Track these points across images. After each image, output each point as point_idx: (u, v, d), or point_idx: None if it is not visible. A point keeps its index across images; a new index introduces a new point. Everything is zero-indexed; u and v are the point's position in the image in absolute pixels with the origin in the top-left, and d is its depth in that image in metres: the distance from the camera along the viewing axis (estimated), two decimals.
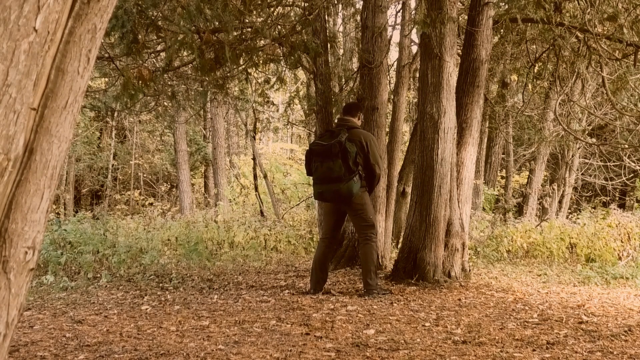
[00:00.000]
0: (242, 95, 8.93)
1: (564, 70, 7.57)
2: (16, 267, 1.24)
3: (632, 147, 10.23)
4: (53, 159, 1.29)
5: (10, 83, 1.15)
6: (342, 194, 4.64)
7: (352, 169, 4.62)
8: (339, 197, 4.68)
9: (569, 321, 3.83)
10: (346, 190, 4.61)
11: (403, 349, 3.08)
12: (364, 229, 4.78)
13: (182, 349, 3.08)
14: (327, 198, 4.78)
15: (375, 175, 4.77)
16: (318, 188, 4.77)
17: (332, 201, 4.81)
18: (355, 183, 4.62)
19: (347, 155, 4.61)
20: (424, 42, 5.50)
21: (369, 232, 4.77)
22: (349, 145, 4.63)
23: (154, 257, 6.88)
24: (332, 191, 4.65)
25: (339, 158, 4.61)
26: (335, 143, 4.64)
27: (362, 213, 4.74)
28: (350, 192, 4.61)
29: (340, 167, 4.59)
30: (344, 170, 4.59)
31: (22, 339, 3.41)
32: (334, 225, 4.94)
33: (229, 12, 4.93)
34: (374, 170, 4.75)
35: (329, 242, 4.93)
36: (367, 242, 4.77)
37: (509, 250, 8.15)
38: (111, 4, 1.37)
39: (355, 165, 4.64)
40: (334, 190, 4.64)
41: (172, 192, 18.83)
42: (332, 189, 4.65)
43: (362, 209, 4.73)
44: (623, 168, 12.97)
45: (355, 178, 4.62)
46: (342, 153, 4.61)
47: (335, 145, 4.63)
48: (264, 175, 11.70)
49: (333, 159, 4.62)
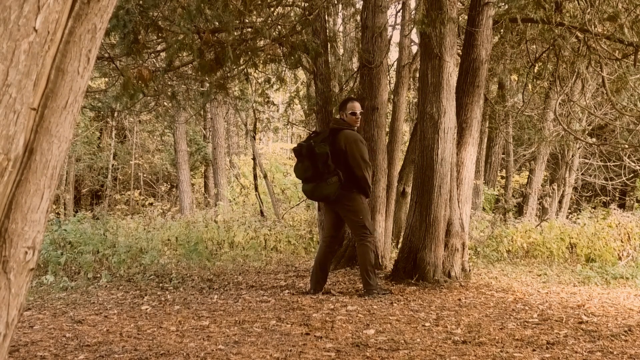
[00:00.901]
0: (242, 95, 8.93)
1: (564, 70, 7.57)
2: (16, 267, 1.24)
3: (632, 147, 10.23)
4: (53, 159, 1.29)
5: (10, 83, 1.16)
6: (315, 195, 4.78)
7: (322, 171, 4.62)
8: (319, 197, 4.81)
9: (569, 321, 3.83)
10: (320, 193, 4.70)
11: (403, 349, 3.08)
12: (356, 229, 4.80)
13: (182, 349, 3.08)
14: (311, 197, 4.91)
15: (357, 178, 4.67)
16: (303, 187, 4.90)
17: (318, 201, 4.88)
18: (328, 185, 4.62)
19: (314, 157, 4.62)
20: (424, 42, 5.50)
21: (361, 232, 4.77)
22: (319, 147, 4.62)
23: (154, 257, 6.88)
24: (312, 190, 4.74)
25: (307, 159, 4.66)
26: (303, 144, 4.74)
27: (350, 214, 4.75)
28: (323, 194, 4.68)
29: (308, 169, 4.66)
30: (311, 172, 4.64)
31: (22, 339, 3.41)
32: (334, 225, 4.94)
33: (229, 13, 4.94)
34: (353, 172, 4.66)
35: (329, 242, 4.94)
36: (361, 243, 4.78)
37: (509, 250, 8.15)
38: (111, 4, 1.37)
39: (325, 167, 4.61)
40: (309, 190, 4.75)
41: (172, 192, 18.83)
42: (307, 188, 4.77)
43: (351, 210, 4.73)
44: (623, 168, 12.97)
45: (330, 180, 4.62)
46: (309, 155, 4.64)
47: (303, 146, 4.72)
48: (264, 175, 11.71)
49: (302, 160, 4.71)
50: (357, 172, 4.65)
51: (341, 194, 4.68)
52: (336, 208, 4.82)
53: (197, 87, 8.02)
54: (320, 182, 4.64)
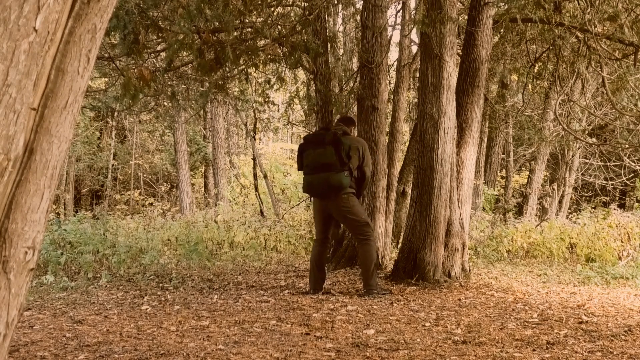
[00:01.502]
0: (242, 96, 8.94)
1: (564, 70, 7.57)
2: (16, 267, 1.24)
3: (632, 147, 10.23)
4: (53, 159, 1.29)
5: (10, 83, 1.16)
6: (332, 185, 4.63)
7: (344, 161, 4.63)
8: (327, 188, 4.66)
9: (569, 321, 3.83)
10: (336, 181, 4.62)
11: (403, 349, 3.08)
12: (359, 228, 4.75)
13: (182, 349, 3.08)
14: (316, 189, 4.75)
15: (366, 178, 4.81)
16: (308, 178, 4.78)
17: (320, 195, 4.77)
18: (345, 176, 4.63)
19: (340, 145, 4.64)
20: (424, 42, 5.50)
21: (365, 229, 4.74)
22: (344, 138, 4.70)
23: (154, 257, 6.88)
24: (322, 180, 4.65)
25: (332, 146, 4.65)
26: (330, 132, 4.77)
27: (351, 215, 4.71)
28: (340, 183, 4.62)
29: (332, 154, 4.63)
30: (336, 158, 4.62)
31: (22, 339, 3.41)
32: (324, 226, 4.92)
33: (229, 12, 4.94)
34: (365, 172, 4.79)
35: (322, 241, 4.92)
36: (365, 242, 4.74)
37: (509, 250, 8.15)
38: (111, 4, 1.37)
39: (348, 158, 4.65)
40: (323, 179, 4.64)
41: (172, 192, 18.83)
42: (322, 178, 4.65)
43: (350, 211, 4.71)
44: (623, 168, 12.97)
45: (346, 172, 4.64)
46: (334, 142, 4.66)
47: (329, 134, 4.72)
48: (264, 175, 11.70)
49: (325, 146, 4.67)
50: (368, 172, 4.81)
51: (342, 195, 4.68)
52: (331, 210, 4.77)
53: (197, 87, 8.03)
54: (338, 171, 4.62)
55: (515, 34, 7.65)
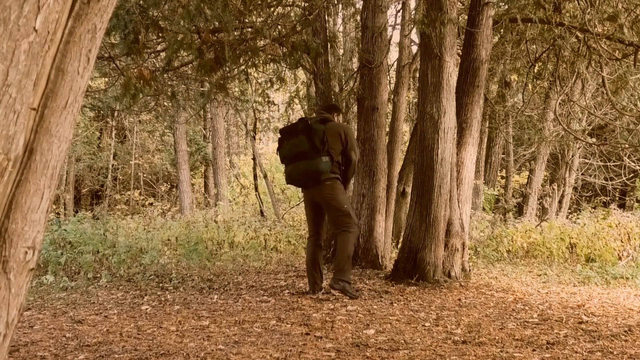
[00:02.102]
0: (242, 96, 8.93)
1: (564, 70, 7.57)
2: (16, 267, 1.24)
3: (632, 147, 10.24)
4: (53, 159, 1.29)
5: (10, 83, 1.16)
6: (308, 172, 4.60)
7: (318, 147, 4.58)
8: (305, 176, 4.64)
9: (569, 321, 3.83)
10: (313, 167, 4.57)
11: (403, 349, 3.08)
12: (339, 218, 4.67)
13: (182, 349, 3.08)
14: (296, 179, 4.74)
15: (351, 162, 4.74)
16: (287, 169, 4.78)
17: (302, 184, 4.76)
18: (323, 162, 4.57)
19: (311, 132, 4.60)
20: (424, 42, 5.50)
21: (345, 220, 4.66)
22: (316, 124, 4.64)
23: (154, 257, 6.88)
24: (300, 170, 4.63)
25: (304, 134, 4.62)
26: (300, 120, 4.76)
27: (334, 202, 4.64)
28: (317, 168, 4.56)
29: (304, 143, 4.60)
30: (309, 147, 4.59)
31: (22, 339, 3.41)
32: (315, 223, 4.87)
33: (229, 12, 4.94)
34: (350, 157, 4.73)
35: (315, 239, 4.87)
36: (344, 231, 4.66)
37: (509, 250, 8.15)
38: (111, 4, 1.37)
39: (322, 143, 4.60)
40: (301, 169, 4.63)
41: (172, 192, 18.84)
42: (299, 167, 4.64)
43: (333, 197, 4.64)
44: (623, 168, 12.97)
45: (324, 158, 4.59)
46: (306, 130, 4.62)
47: (299, 122, 4.72)
48: (264, 175, 11.71)
49: (298, 135, 4.65)
50: (353, 157, 4.73)
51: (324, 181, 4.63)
52: (317, 198, 4.72)
53: (197, 87, 8.03)
54: (314, 158, 4.58)
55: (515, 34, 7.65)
